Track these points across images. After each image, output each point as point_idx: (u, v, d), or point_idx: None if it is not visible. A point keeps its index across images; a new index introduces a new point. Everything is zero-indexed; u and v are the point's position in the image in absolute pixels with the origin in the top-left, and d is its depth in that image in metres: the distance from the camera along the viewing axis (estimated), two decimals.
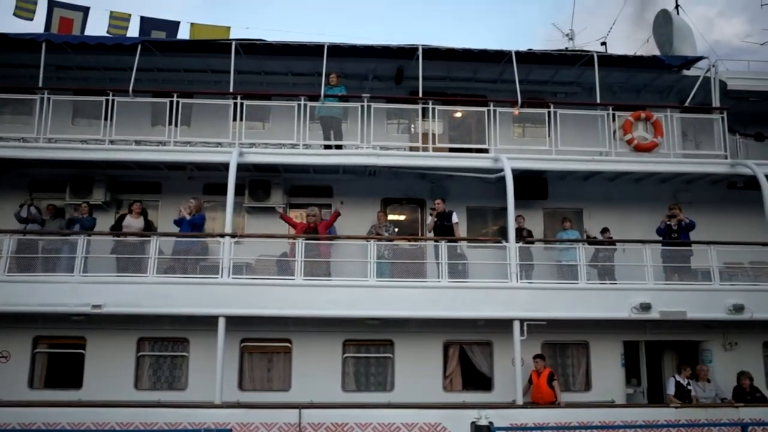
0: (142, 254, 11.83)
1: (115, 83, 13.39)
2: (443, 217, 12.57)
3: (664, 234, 12.90)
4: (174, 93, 12.89)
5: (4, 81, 13.99)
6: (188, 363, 12.06)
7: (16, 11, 16.01)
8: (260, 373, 12.24)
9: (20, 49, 13.50)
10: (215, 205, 13.76)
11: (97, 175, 13.55)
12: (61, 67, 14.22)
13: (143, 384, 12.02)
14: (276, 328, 12.09)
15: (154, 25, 15.51)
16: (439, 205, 12.68)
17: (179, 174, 13.77)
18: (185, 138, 12.95)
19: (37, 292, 11.36)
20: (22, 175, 13.68)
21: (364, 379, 12.35)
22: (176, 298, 11.48)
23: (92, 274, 11.67)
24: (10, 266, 11.63)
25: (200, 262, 12.20)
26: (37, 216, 12.79)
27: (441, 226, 12.55)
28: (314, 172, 13.78)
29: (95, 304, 11.33)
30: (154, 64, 13.90)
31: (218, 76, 14.20)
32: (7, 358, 11.97)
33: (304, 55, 13.64)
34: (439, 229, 12.56)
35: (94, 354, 12.00)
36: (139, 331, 12.09)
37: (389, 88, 14.79)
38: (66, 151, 12.72)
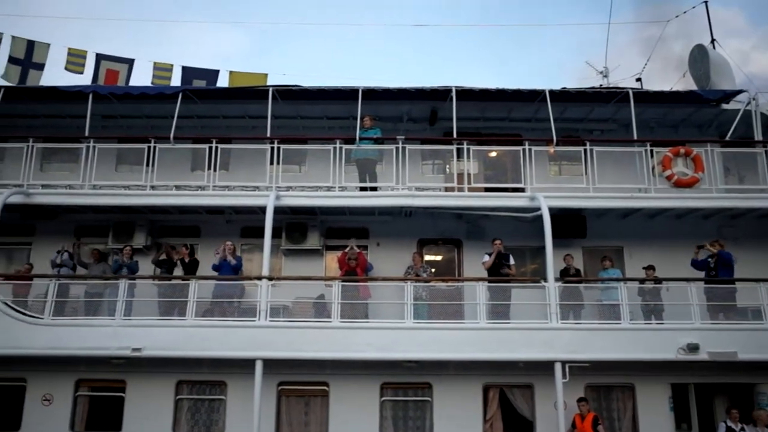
0: (182, 297, 11.97)
1: (157, 130, 13.80)
2: (502, 257, 12.44)
3: (701, 268, 12.54)
4: (213, 139, 13.22)
5: (53, 131, 14.56)
6: (226, 406, 12.03)
7: (67, 65, 16.82)
8: (297, 416, 12.12)
9: (69, 100, 14.09)
10: (252, 248, 13.96)
11: (139, 219, 13.90)
12: (106, 116, 14.77)
13: (181, 427, 12.01)
14: (313, 371, 12.03)
15: (195, 74, 16.08)
16: (499, 244, 12.54)
17: (218, 218, 14.03)
18: (224, 182, 13.23)
19: (79, 336, 11.58)
20: (69, 220, 14.13)
21: (402, 423, 12.11)
22: (214, 341, 11.56)
23: (133, 317, 11.86)
24: (54, 310, 11.90)
25: (238, 305, 12.29)
26: (68, 262, 13.08)
27: (498, 266, 12.42)
28: (350, 214, 13.85)
29: (135, 347, 11.47)
30: (194, 111, 14.34)
31: (256, 122, 14.54)
32: (50, 401, 12.13)
33: (339, 99, 13.89)
34: (496, 270, 12.42)
35: (134, 397, 12.07)
36: (178, 374, 12.15)
37: (423, 130, 14.91)
38: (109, 197, 13.11)
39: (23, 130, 14.32)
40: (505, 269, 12.39)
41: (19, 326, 11.65)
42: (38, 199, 13.02)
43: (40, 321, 11.74)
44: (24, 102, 14.41)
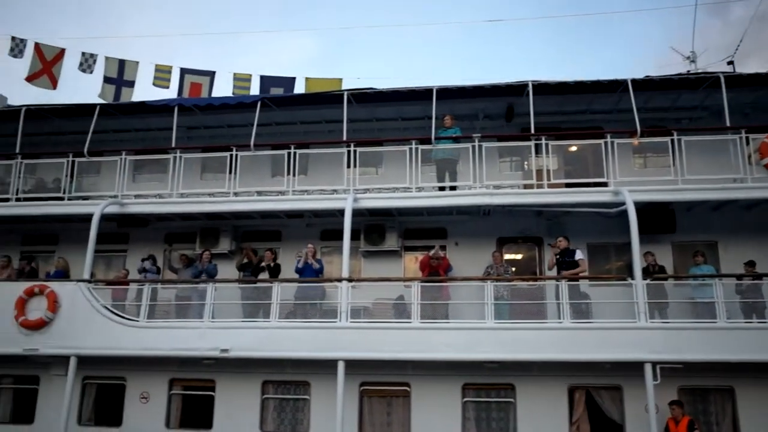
0: (265, 300, 12.31)
1: (238, 139, 14.28)
2: (566, 254, 12.10)
3: None
4: (291, 145, 13.54)
5: (143, 144, 15.41)
6: (310, 406, 12.27)
7: (154, 81, 17.74)
8: (380, 416, 12.20)
9: (156, 114, 14.83)
10: (332, 250, 14.17)
11: (223, 225, 14.44)
12: (191, 127, 15.45)
13: (268, 426, 12.35)
14: (394, 372, 12.06)
15: (273, 82, 16.54)
16: (562, 242, 12.21)
17: (298, 221, 14.35)
18: (303, 187, 13.49)
19: (171, 337, 12.14)
20: (159, 228, 14.89)
21: (485, 424, 11.94)
22: (297, 342, 11.81)
23: (219, 319, 12.30)
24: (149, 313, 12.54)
25: (320, 306, 12.51)
26: (152, 268, 13.74)
27: (563, 263, 12.07)
28: (428, 214, 13.81)
29: (223, 348, 11.89)
30: (272, 118, 14.74)
31: (332, 126, 14.76)
32: (147, 399, 12.79)
33: (414, 100, 13.88)
34: (561, 267, 12.08)
35: (223, 396, 12.54)
36: (264, 374, 12.50)
37: (500, 127, 14.66)
38: (195, 205, 13.67)
39: (116, 144, 15.24)
40: (569, 266, 11.98)
41: (118, 328, 12.34)
42: (131, 208, 13.77)
43: (136, 323, 12.37)
44: (117, 118, 15.31)
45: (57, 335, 12.41)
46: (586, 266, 12.21)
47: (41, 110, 15.09)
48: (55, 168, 14.55)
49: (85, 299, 12.54)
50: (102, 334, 12.28)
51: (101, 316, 12.41)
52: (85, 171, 14.60)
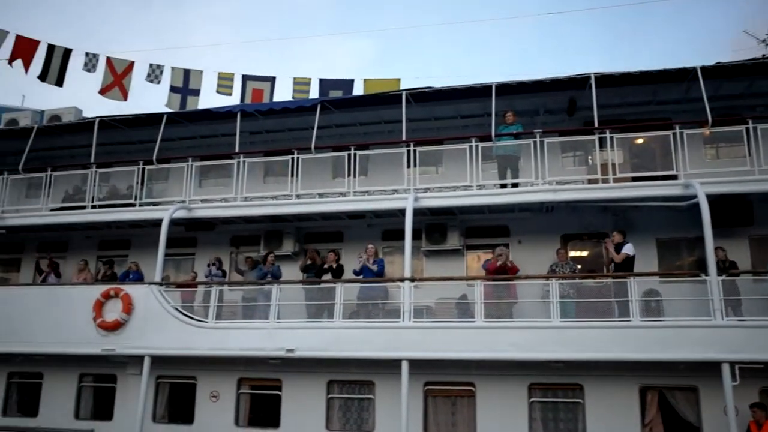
0: (329, 300, 12.44)
1: (299, 142, 14.50)
2: (618, 249, 11.73)
3: None
4: (351, 146, 13.64)
5: (208, 150, 15.85)
6: (374, 405, 12.32)
7: (218, 89, 18.18)
8: (445, 416, 12.13)
9: (220, 120, 15.26)
10: (394, 250, 14.20)
11: (287, 227, 14.70)
12: (253, 132, 15.81)
13: (333, 425, 12.48)
14: (459, 372, 11.97)
15: (332, 85, 16.70)
16: (616, 237, 11.84)
17: (359, 222, 14.44)
18: (363, 187, 13.56)
19: (238, 338, 12.44)
20: (225, 231, 15.29)
21: (553, 425, 11.68)
22: (361, 342, 11.87)
23: (285, 320, 12.50)
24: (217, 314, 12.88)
25: (382, 306, 12.55)
26: (217, 272, 14.07)
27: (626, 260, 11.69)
28: (490, 212, 13.65)
29: (289, 348, 12.09)
30: (332, 120, 14.90)
31: (391, 126, 14.80)
32: (217, 398, 13.15)
33: (472, 97, 13.76)
34: (624, 263, 11.70)
35: (290, 395, 12.75)
36: (329, 373, 12.64)
37: (562, 121, 14.34)
38: (259, 208, 13.95)
39: (183, 151, 15.74)
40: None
41: (188, 329, 12.73)
42: (198, 213, 14.21)
43: (205, 324, 12.74)
44: (183, 125, 15.84)
45: (132, 336, 12.92)
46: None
47: (113, 121, 15.77)
48: (127, 176, 15.17)
49: (157, 301, 13.01)
50: (173, 335, 12.70)
51: (172, 317, 12.83)
52: (154, 178, 15.17)
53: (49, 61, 18.72)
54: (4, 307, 14.05)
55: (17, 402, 14.70)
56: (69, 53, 18.77)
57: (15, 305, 14.01)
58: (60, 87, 18.80)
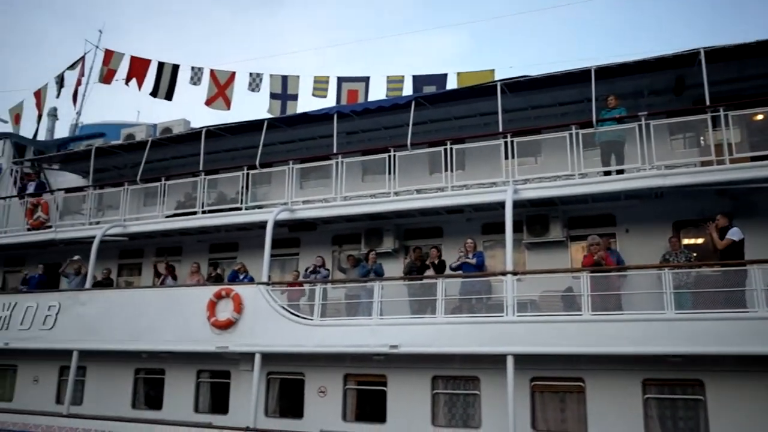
0: (431, 296, 12.41)
1: (395, 139, 14.60)
2: (724, 233, 10.90)
3: None
4: (447, 141, 13.54)
5: (307, 152, 16.28)
6: (480, 401, 12.17)
7: (314, 92, 18.72)
8: (553, 413, 11.78)
9: (318, 122, 15.64)
10: (494, 244, 13.98)
11: (386, 225, 14.83)
12: (350, 132, 16.09)
13: (439, 421, 12.43)
14: (567, 367, 11.56)
15: (425, 80, 16.71)
16: (720, 220, 11.02)
17: (458, 217, 14.33)
18: (461, 182, 13.43)
19: (343, 334, 12.68)
20: (327, 230, 15.66)
21: (671, 423, 11.02)
22: (464, 337, 11.75)
23: (388, 316, 12.60)
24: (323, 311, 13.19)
25: (485, 301, 12.37)
26: (322, 270, 14.34)
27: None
28: (593, 201, 13.13)
29: (392, 344, 12.17)
30: (427, 116, 14.89)
31: (487, 118, 14.59)
32: (324, 393, 13.48)
33: (570, 84, 13.29)
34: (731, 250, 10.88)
35: (395, 391, 12.84)
36: (433, 369, 12.60)
37: (668, 102, 13.54)
38: (359, 207, 14.16)
39: (284, 155, 16.30)
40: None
41: (295, 327, 13.12)
42: (300, 213, 14.63)
43: (311, 322, 13.08)
44: (283, 130, 16.37)
45: (243, 334, 13.49)
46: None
47: (219, 130, 16.56)
48: (233, 181, 15.87)
49: (265, 300, 13.49)
50: (281, 333, 13.13)
51: (279, 315, 13.27)
52: (258, 182, 15.76)
53: (159, 78, 20.01)
54: (129, 308, 15.08)
55: (144, 396, 15.76)
56: (177, 69, 19.97)
57: (139, 307, 14.99)
58: (170, 101, 20.06)
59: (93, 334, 15.05)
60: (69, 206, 18.14)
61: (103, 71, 21.29)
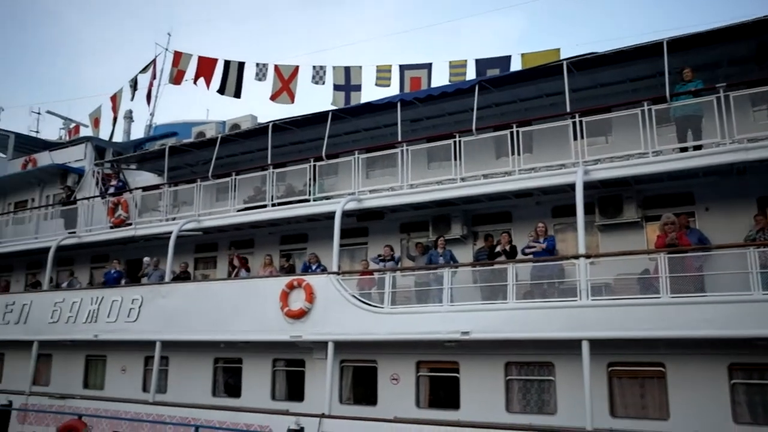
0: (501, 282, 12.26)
1: (460, 125, 14.45)
2: None
3: None
4: (513, 124, 13.30)
5: (372, 142, 16.35)
6: (555, 387, 11.97)
7: (377, 82, 18.75)
8: (632, 398, 11.45)
9: (381, 111, 15.67)
10: (565, 227, 13.68)
11: (453, 211, 14.73)
12: (414, 120, 16.04)
13: (514, 407, 12.32)
14: (645, 351, 11.23)
15: (488, 64, 16.46)
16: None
17: (527, 200, 14.08)
18: (529, 165, 13.16)
19: (414, 322, 12.70)
20: (394, 219, 15.71)
21: (762, 410, 10.52)
22: (537, 322, 11.55)
23: (459, 303, 12.54)
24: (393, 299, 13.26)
25: (557, 285, 12.12)
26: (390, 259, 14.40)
27: None
28: (669, 180, 12.60)
29: (464, 330, 12.11)
30: (491, 100, 14.67)
31: (553, 99, 14.25)
32: (397, 380, 13.58)
33: (641, 58, 12.78)
34: None
35: (467, 377, 12.81)
36: (506, 355, 12.50)
37: (749, 71, 12.77)
38: (425, 194, 14.11)
39: (349, 145, 16.45)
40: None
41: (366, 315, 13.24)
42: (367, 203, 14.72)
43: (381, 310, 13.18)
44: (347, 121, 16.49)
45: (316, 323, 13.73)
46: None
47: (285, 124, 16.84)
48: (300, 173, 16.14)
49: (336, 290, 13.68)
50: (352, 321, 13.29)
51: (350, 304, 13.43)
52: (325, 173, 15.95)
53: (227, 76, 20.53)
54: (207, 300, 15.63)
55: (223, 384, 16.34)
56: (243, 66, 20.43)
57: (216, 298, 15.52)
58: (238, 98, 20.56)
59: (174, 325, 15.70)
60: (146, 204, 18.94)
61: (173, 72, 22.06)
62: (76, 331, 17.63)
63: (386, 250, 14.64)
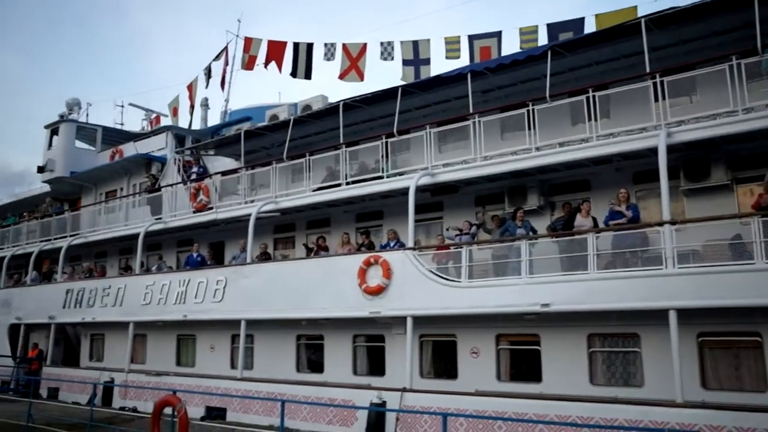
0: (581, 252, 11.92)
1: (533, 93, 14.05)
2: None
3: None
4: (589, 89, 12.81)
5: (444, 115, 16.18)
6: (641, 359, 11.60)
7: (447, 54, 18.45)
8: (726, 370, 10.96)
9: (452, 84, 15.45)
10: (647, 193, 13.13)
11: (529, 182, 14.41)
12: (485, 91, 15.73)
13: (598, 379, 12.06)
14: (739, 320, 10.69)
15: (560, 27, 15.85)
16: None
17: (606, 167, 13.60)
18: (607, 130, 12.68)
19: (492, 295, 12.58)
20: (469, 192, 15.54)
21: None
22: (620, 292, 11.20)
23: (538, 275, 12.30)
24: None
25: (641, 254, 11.67)
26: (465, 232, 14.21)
27: None
28: (763, 138, 11.78)
29: (543, 303, 11.90)
30: (565, 65, 14.18)
31: (631, 60, 13.62)
32: (477, 354, 13.54)
33: (728, 9, 11.96)
34: None
35: (549, 350, 12.61)
36: (588, 327, 12.22)
37: None
38: (500, 165, 13.85)
39: (420, 120, 16.30)
40: None
41: (443, 289, 13.23)
42: (441, 177, 14.62)
43: (459, 284, 13.12)
44: (417, 95, 16.37)
45: (393, 298, 13.84)
46: None
47: (355, 102, 16.90)
48: (372, 151, 16.19)
49: (413, 265, 13.72)
50: (430, 296, 13.31)
51: (428, 279, 13.44)
52: (397, 149, 15.94)
53: (297, 58, 20.74)
54: (288, 279, 16.04)
55: (306, 360, 16.79)
56: (311, 47, 20.58)
57: (296, 277, 15.90)
58: (309, 80, 20.76)
59: (257, 304, 16.22)
60: (226, 188, 19.54)
61: (244, 58, 22.49)
62: (166, 312, 18.53)
63: (465, 224, 14.50)
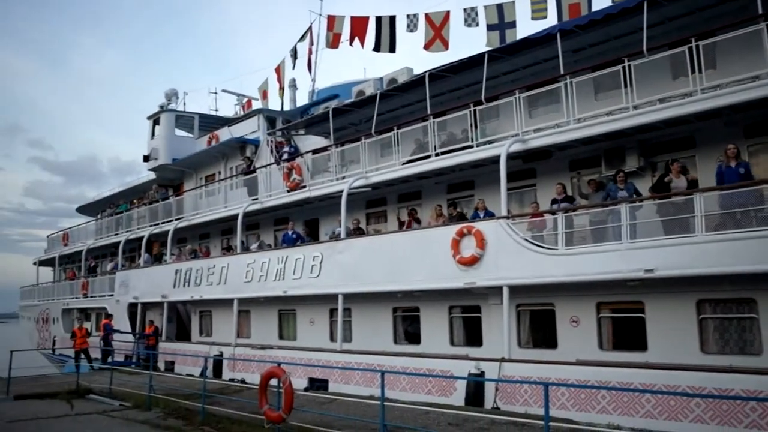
0: (687, 214, 11.25)
1: (628, 48, 13.27)
2: None
3: None
4: (692, 38, 11.91)
5: (533, 79, 15.61)
6: (759, 325, 10.85)
7: (532, 15, 17.74)
8: None
9: (540, 46, 14.88)
10: (761, 149, 12.16)
11: (627, 143, 13.71)
12: (576, 50, 15.04)
13: (710, 347, 11.42)
14: None
15: None
16: None
17: (713, 122, 12.67)
18: (713, 82, 11.77)
19: (591, 262, 12.11)
20: (563, 157, 15.00)
21: None
22: (732, 255, 10.47)
23: (640, 239, 11.71)
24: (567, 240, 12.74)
25: (755, 213, 10.84)
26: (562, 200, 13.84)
27: None
28: None
29: (647, 268, 11.34)
30: (664, 15, 13.31)
31: (741, 2, 12.49)
32: (577, 323, 13.15)
33: None
34: None
35: (654, 317, 12.05)
36: (697, 292, 11.56)
37: None
38: (595, 127, 13.21)
39: (509, 86, 15.84)
40: None
41: (539, 258, 12.89)
42: (533, 143, 14.16)
43: (556, 251, 12.74)
44: (504, 60, 15.89)
45: (488, 268, 13.64)
46: None
47: (440, 72, 16.64)
48: (460, 120, 15.92)
49: (507, 234, 13.44)
50: (526, 264, 13.01)
51: (523, 247, 13.14)
52: (486, 117, 15.57)
53: (380, 33, 20.65)
54: (381, 253, 16.18)
55: (404, 332, 16.95)
56: (394, 20, 20.42)
57: (390, 250, 15.99)
58: (393, 53, 20.65)
59: (352, 278, 16.49)
60: (317, 166, 19.90)
61: (329, 37, 22.65)
62: (267, 289, 19.22)
63: (558, 188, 14.03)
